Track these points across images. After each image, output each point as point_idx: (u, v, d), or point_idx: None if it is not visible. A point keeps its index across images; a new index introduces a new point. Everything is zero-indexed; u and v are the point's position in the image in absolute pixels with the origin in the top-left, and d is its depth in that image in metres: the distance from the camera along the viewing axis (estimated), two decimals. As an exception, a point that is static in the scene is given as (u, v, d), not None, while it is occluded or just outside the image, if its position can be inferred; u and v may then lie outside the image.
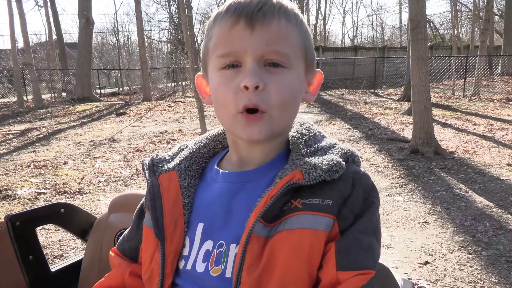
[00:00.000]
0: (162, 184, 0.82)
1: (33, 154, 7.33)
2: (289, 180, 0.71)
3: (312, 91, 0.83)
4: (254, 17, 0.70)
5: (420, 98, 6.23)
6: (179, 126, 9.80)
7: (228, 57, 0.73)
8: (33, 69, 16.70)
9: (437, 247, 3.37)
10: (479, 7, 25.35)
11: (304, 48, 0.77)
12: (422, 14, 6.25)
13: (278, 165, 0.78)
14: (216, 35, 0.75)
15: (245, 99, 0.71)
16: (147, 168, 0.86)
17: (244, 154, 0.81)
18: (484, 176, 5.21)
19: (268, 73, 0.71)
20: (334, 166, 0.71)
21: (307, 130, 0.83)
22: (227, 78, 0.73)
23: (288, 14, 0.74)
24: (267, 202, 0.69)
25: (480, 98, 14.15)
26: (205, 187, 0.83)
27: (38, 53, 25.90)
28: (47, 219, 1.32)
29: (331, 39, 50.40)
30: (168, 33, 38.45)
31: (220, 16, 0.75)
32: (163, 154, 0.89)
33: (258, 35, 0.70)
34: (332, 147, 0.79)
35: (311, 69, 0.81)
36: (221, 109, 0.76)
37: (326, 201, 0.70)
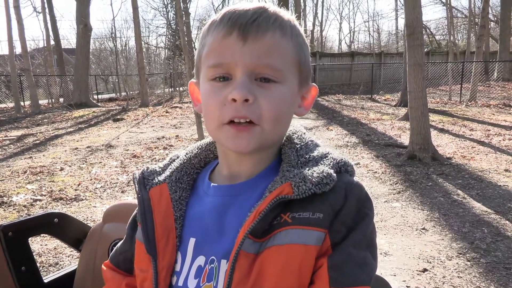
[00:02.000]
0: (152, 197, 0.81)
1: (29, 160, 7.29)
2: (278, 194, 0.68)
3: (306, 105, 0.81)
4: (247, 29, 0.69)
5: (417, 104, 6.24)
6: (176, 132, 9.78)
7: (218, 68, 0.71)
8: (31, 74, 16.68)
9: (436, 254, 3.35)
10: (475, 13, 25.51)
11: (298, 62, 0.75)
12: (419, 21, 6.28)
13: (269, 176, 0.76)
14: (209, 44, 0.73)
15: (232, 111, 0.69)
16: (137, 182, 0.84)
17: (234, 166, 0.79)
18: (482, 182, 5.21)
19: (259, 88, 0.70)
20: (324, 179, 0.69)
21: (299, 139, 0.80)
22: (216, 90, 0.71)
23: (283, 27, 0.72)
24: (255, 218, 0.67)
25: (477, 104, 14.20)
26: (196, 200, 0.81)
27: (36, 59, 25.89)
28: (40, 229, 1.30)
29: (328, 45, 50.59)
30: (165, 39, 38.52)
31: (215, 25, 0.73)
32: (153, 166, 0.88)
33: (250, 48, 0.69)
34: (324, 157, 0.76)
35: (306, 83, 0.79)
36: (208, 119, 0.75)
37: (317, 214, 0.68)
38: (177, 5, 8.79)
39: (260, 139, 0.71)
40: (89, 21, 18.42)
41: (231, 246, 0.69)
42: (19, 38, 16.07)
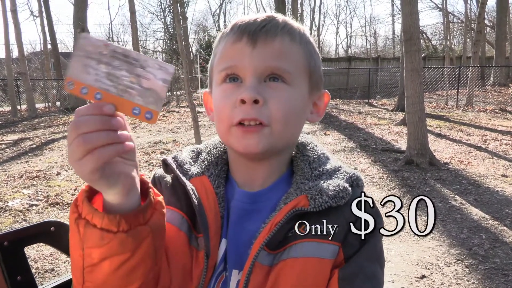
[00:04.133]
0: (198, 189, 0.76)
1: (25, 165, 7.25)
2: (294, 206, 0.69)
3: (318, 111, 0.82)
4: (256, 35, 0.70)
5: (414, 109, 6.26)
6: (174, 136, 9.76)
7: (228, 70, 0.72)
8: (28, 78, 16.64)
9: (434, 260, 3.34)
10: (471, 19, 25.68)
11: (308, 68, 0.76)
12: (416, 27, 6.30)
13: (282, 187, 0.76)
14: (220, 51, 0.75)
15: (242, 112, 0.69)
16: (176, 167, 0.79)
17: (245, 175, 0.79)
18: (479, 187, 5.21)
19: (268, 88, 0.70)
20: (340, 192, 0.70)
21: (312, 152, 0.81)
22: (227, 93, 0.72)
23: (292, 33, 0.73)
24: (271, 230, 0.67)
25: (473, 108, 14.25)
26: (228, 201, 0.78)
27: (33, 63, 25.84)
28: (37, 238, 1.27)
29: (325, 50, 50.75)
30: (163, 43, 38.53)
31: (225, 34, 0.75)
32: (182, 155, 0.84)
33: (259, 51, 0.70)
34: (337, 170, 0.77)
35: (317, 89, 0.80)
36: (218, 123, 0.75)
37: (332, 228, 0.69)
38: (174, 10, 8.80)
39: (269, 140, 0.71)
40: (86, 25, 18.39)
41: (243, 256, 0.69)
42: (16, 42, 16.05)
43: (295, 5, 17.59)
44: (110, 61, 0.58)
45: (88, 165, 0.54)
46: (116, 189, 0.59)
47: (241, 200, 0.76)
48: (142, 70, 0.58)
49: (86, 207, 0.61)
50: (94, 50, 0.57)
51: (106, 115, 0.56)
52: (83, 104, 0.60)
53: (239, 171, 0.80)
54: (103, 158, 0.55)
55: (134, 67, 0.58)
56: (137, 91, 0.58)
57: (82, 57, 0.57)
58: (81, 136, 0.54)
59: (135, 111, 0.58)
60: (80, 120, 0.55)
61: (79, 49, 0.57)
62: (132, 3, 17.46)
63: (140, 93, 0.58)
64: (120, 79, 0.58)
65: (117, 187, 0.59)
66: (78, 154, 0.54)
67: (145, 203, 0.64)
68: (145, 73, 0.58)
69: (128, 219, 0.61)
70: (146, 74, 0.58)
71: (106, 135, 0.55)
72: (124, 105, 0.58)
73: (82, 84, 0.57)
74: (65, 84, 0.58)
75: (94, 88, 0.57)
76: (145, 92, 0.58)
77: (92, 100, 0.58)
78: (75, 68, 0.57)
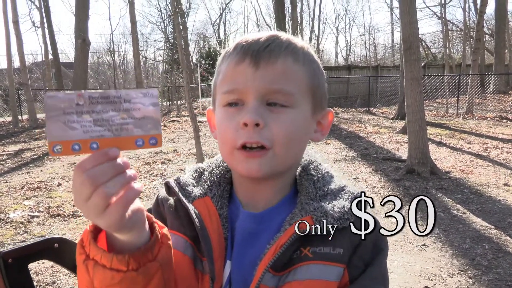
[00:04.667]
0: (201, 212, 0.76)
1: (26, 176, 7.25)
2: (299, 227, 0.68)
3: (322, 130, 0.81)
4: (259, 56, 0.70)
5: (414, 118, 6.27)
6: (174, 146, 9.77)
7: (231, 94, 0.72)
8: (29, 89, 16.68)
9: (437, 271, 3.33)
10: (470, 27, 25.81)
11: (311, 87, 0.75)
12: (415, 36, 6.34)
13: (286, 207, 0.76)
14: (223, 71, 0.75)
15: (245, 136, 0.69)
16: (179, 191, 0.79)
17: (249, 195, 0.79)
18: (481, 196, 5.20)
19: (270, 112, 0.70)
20: (345, 214, 0.70)
21: (315, 171, 0.80)
22: (229, 115, 0.73)
23: (296, 53, 0.73)
24: (276, 251, 0.67)
25: (474, 116, 14.27)
26: (232, 221, 0.78)
27: (34, 73, 25.97)
28: (40, 255, 1.28)
29: (324, 58, 50.95)
30: (163, 52, 38.72)
31: (229, 53, 0.75)
32: (184, 176, 0.84)
33: (261, 73, 0.70)
34: (342, 190, 0.76)
35: (320, 108, 0.79)
36: (222, 144, 0.76)
37: (337, 249, 0.69)
38: (175, 20, 8.86)
39: (272, 163, 0.71)
40: (87, 36, 18.52)
41: (248, 278, 0.69)
42: (18, 52, 16.11)
43: (295, 14, 17.70)
44: (91, 108, 0.56)
45: (115, 214, 0.55)
46: (135, 230, 0.60)
47: (246, 221, 0.76)
48: (129, 103, 0.58)
49: (93, 248, 0.61)
50: (68, 104, 0.55)
51: (113, 159, 0.56)
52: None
53: (243, 191, 0.80)
54: (128, 203, 0.56)
55: (119, 104, 0.58)
56: (133, 124, 0.58)
57: (58, 116, 0.55)
58: (101, 188, 0.53)
59: (138, 143, 0.58)
60: (93, 172, 0.54)
61: (50, 110, 0.55)
62: (133, 14, 17.58)
63: (137, 124, 0.58)
64: (110, 121, 0.57)
65: (135, 229, 0.60)
66: (101, 206, 0.54)
67: (152, 240, 0.65)
68: (132, 105, 0.58)
69: (136, 257, 0.62)
70: (134, 106, 0.58)
71: (122, 179, 0.55)
72: (125, 142, 0.58)
73: (71, 141, 0.56)
74: (50, 149, 0.55)
75: (87, 140, 0.56)
76: (141, 122, 0.58)
77: (88, 153, 0.57)
78: (55, 130, 0.55)
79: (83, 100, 0.56)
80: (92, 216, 0.56)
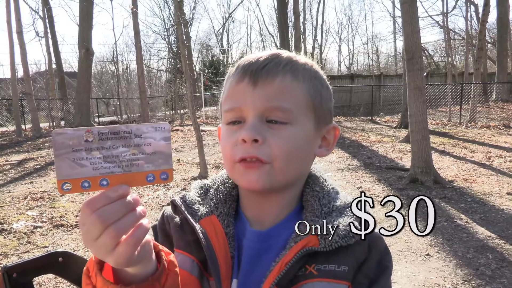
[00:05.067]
0: (208, 231, 0.76)
1: (30, 186, 7.27)
2: (304, 245, 0.69)
3: (328, 146, 0.81)
4: (257, 74, 0.72)
5: (417, 128, 6.27)
6: (178, 156, 9.78)
7: (232, 112, 0.75)
8: (32, 98, 16.79)
9: (441, 281, 3.31)
10: (472, 36, 25.88)
11: (312, 103, 0.76)
12: (417, 46, 6.36)
13: (293, 223, 0.75)
14: (226, 90, 0.78)
15: (242, 151, 0.72)
16: (186, 210, 0.79)
17: (255, 210, 0.79)
18: (485, 205, 5.18)
19: (269, 129, 0.72)
20: (350, 232, 0.70)
21: (320, 187, 0.80)
22: (231, 133, 0.75)
23: (295, 70, 0.75)
24: (281, 269, 0.68)
25: (477, 125, 14.25)
26: (239, 239, 0.79)
27: (38, 82, 26.12)
28: (45, 269, 1.28)
29: (327, 67, 51.10)
30: (167, 62, 38.97)
31: (232, 73, 0.78)
32: (190, 194, 0.84)
33: (260, 91, 0.72)
34: (347, 207, 0.76)
35: (325, 124, 0.79)
36: (224, 160, 0.78)
37: (342, 267, 0.69)
38: (178, 31, 8.93)
39: (270, 177, 0.72)
40: (91, 45, 18.67)
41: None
42: (21, 62, 16.23)
43: (298, 23, 17.79)
44: (101, 145, 0.55)
45: (124, 253, 0.55)
46: (143, 263, 0.61)
47: (253, 241, 0.76)
48: (139, 138, 0.57)
49: (100, 280, 0.61)
50: (77, 141, 0.54)
51: (124, 197, 0.55)
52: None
53: (250, 207, 0.80)
54: (138, 242, 0.56)
55: (129, 139, 0.57)
56: (144, 160, 0.57)
57: (66, 153, 0.54)
58: (110, 228, 0.53)
59: (149, 179, 0.58)
60: (103, 212, 0.54)
61: (59, 148, 0.54)
62: (137, 24, 17.71)
63: (148, 160, 0.57)
64: (120, 157, 0.56)
65: (143, 262, 0.61)
66: (111, 246, 0.54)
67: (159, 269, 0.65)
68: (143, 140, 0.57)
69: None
70: (145, 141, 0.57)
71: (133, 218, 0.55)
72: (135, 178, 0.57)
73: (80, 179, 0.55)
74: (59, 187, 0.54)
75: (97, 177, 0.55)
76: (152, 158, 0.58)
77: (98, 190, 0.56)
78: (63, 168, 0.54)
79: (92, 137, 0.55)
80: (101, 254, 0.56)
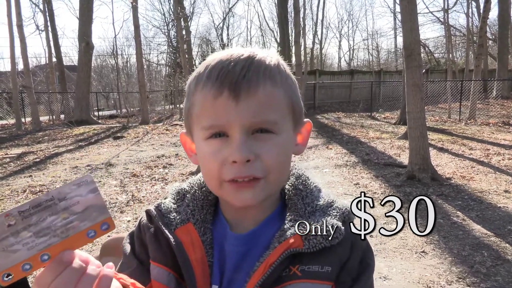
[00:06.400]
0: (183, 241, 0.74)
1: (29, 179, 7.29)
2: (288, 246, 0.69)
3: (302, 142, 0.80)
4: (238, 87, 0.66)
5: (416, 124, 6.27)
6: (176, 150, 9.80)
7: (213, 129, 0.70)
8: (32, 92, 16.80)
9: (435, 278, 3.33)
10: (473, 32, 25.81)
11: (291, 105, 0.74)
12: (416, 42, 6.35)
13: (274, 223, 0.76)
14: (199, 103, 0.71)
15: (234, 171, 0.68)
16: (159, 221, 0.77)
17: (237, 214, 0.78)
18: (481, 203, 5.20)
19: (257, 142, 0.69)
20: (334, 233, 0.70)
21: (303, 185, 0.80)
22: (214, 150, 0.70)
23: (273, 76, 0.70)
24: (265, 270, 0.68)
25: (476, 122, 14.25)
26: (217, 243, 0.78)
27: (38, 76, 26.07)
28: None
29: (327, 62, 51.01)
30: (166, 56, 38.90)
31: (202, 81, 0.70)
32: (166, 202, 0.82)
33: (243, 106, 0.67)
34: (330, 206, 0.76)
35: (300, 121, 0.78)
36: (208, 178, 0.75)
37: (326, 267, 0.69)
38: (178, 25, 8.92)
39: (265, 190, 0.71)
40: (91, 39, 18.64)
41: None
42: (22, 56, 16.24)
43: (298, 18, 17.73)
44: (27, 223, 0.53)
45: None
46: None
47: (235, 244, 0.76)
48: (65, 201, 0.55)
49: None
50: (0, 229, 0.52)
51: (70, 263, 0.54)
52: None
53: (231, 211, 0.79)
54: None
55: (54, 206, 0.54)
56: (78, 220, 0.55)
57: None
58: None
59: (91, 235, 0.56)
60: (57, 286, 0.52)
61: None
62: (136, 18, 17.68)
63: (82, 218, 0.56)
64: (52, 226, 0.54)
65: None
66: None
67: None
68: (70, 201, 0.55)
69: None
70: (72, 201, 0.55)
71: (89, 279, 0.55)
72: (76, 240, 0.55)
73: (19, 264, 0.52)
74: (0, 280, 0.52)
75: (36, 255, 0.53)
76: (85, 214, 0.56)
77: (41, 266, 0.53)
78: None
79: (14, 219, 0.52)
80: None
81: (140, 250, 0.81)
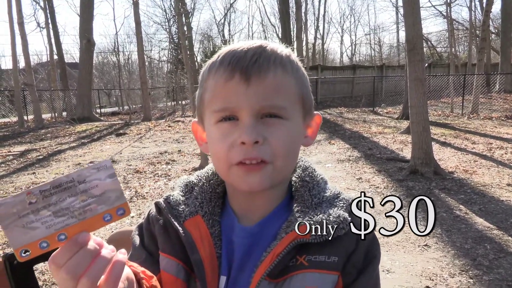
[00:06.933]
0: (192, 233, 0.75)
1: (32, 176, 7.32)
2: (296, 236, 0.70)
3: (311, 134, 0.82)
4: (249, 71, 0.69)
5: (418, 119, 6.27)
6: (179, 147, 9.81)
7: (224, 112, 0.72)
8: (34, 89, 16.83)
9: (438, 271, 3.34)
10: (476, 26, 25.69)
11: (301, 96, 0.75)
12: (419, 37, 6.33)
13: (282, 214, 0.77)
14: (211, 88, 0.73)
15: (242, 153, 0.69)
16: (168, 213, 0.78)
17: (245, 204, 0.79)
18: (484, 196, 5.20)
19: (266, 126, 0.70)
20: (341, 223, 0.71)
21: (310, 177, 0.81)
22: (224, 133, 0.72)
23: (284, 64, 0.72)
24: (273, 260, 0.69)
25: (479, 116, 14.22)
26: (225, 235, 0.79)
27: (39, 73, 26.14)
28: (45, 256, 1.31)
29: (329, 58, 50.92)
30: (168, 52, 38.85)
31: (215, 68, 0.73)
32: (175, 195, 0.83)
33: (254, 89, 0.69)
34: (337, 197, 0.77)
35: (310, 113, 0.80)
36: (216, 162, 0.76)
37: (332, 258, 0.70)
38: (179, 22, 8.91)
39: (272, 176, 0.72)
40: (92, 36, 18.64)
41: (245, 286, 0.71)
42: (23, 53, 16.27)
43: (299, 13, 17.70)
44: (47, 202, 0.54)
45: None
46: None
47: (243, 237, 0.77)
48: (84, 184, 0.56)
49: None
50: (21, 207, 0.53)
51: (85, 245, 0.55)
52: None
53: (239, 202, 0.80)
54: (116, 281, 0.56)
55: (74, 188, 0.56)
56: (96, 203, 0.57)
57: (14, 222, 0.53)
58: (83, 279, 0.53)
59: (106, 219, 0.57)
60: (70, 266, 0.53)
61: (4, 219, 0.53)
62: (138, 14, 17.66)
63: (99, 201, 0.57)
64: (71, 207, 0.55)
65: None
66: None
67: None
68: (89, 184, 0.57)
69: None
70: (91, 184, 0.57)
71: (102, 262, 0.55)
72: (92, 223, 0.57)
73: (36, 242, 0.54)
74: (18, 256, 0.53)
75: (53, 234, 0.54)
76: (103, 198, 0.57)
77: (58, 245, 0.55)
78: (16, 237, 0.53)
79: (35, 198, 0.54)
80: None
81: (149, 241, 0.82)
